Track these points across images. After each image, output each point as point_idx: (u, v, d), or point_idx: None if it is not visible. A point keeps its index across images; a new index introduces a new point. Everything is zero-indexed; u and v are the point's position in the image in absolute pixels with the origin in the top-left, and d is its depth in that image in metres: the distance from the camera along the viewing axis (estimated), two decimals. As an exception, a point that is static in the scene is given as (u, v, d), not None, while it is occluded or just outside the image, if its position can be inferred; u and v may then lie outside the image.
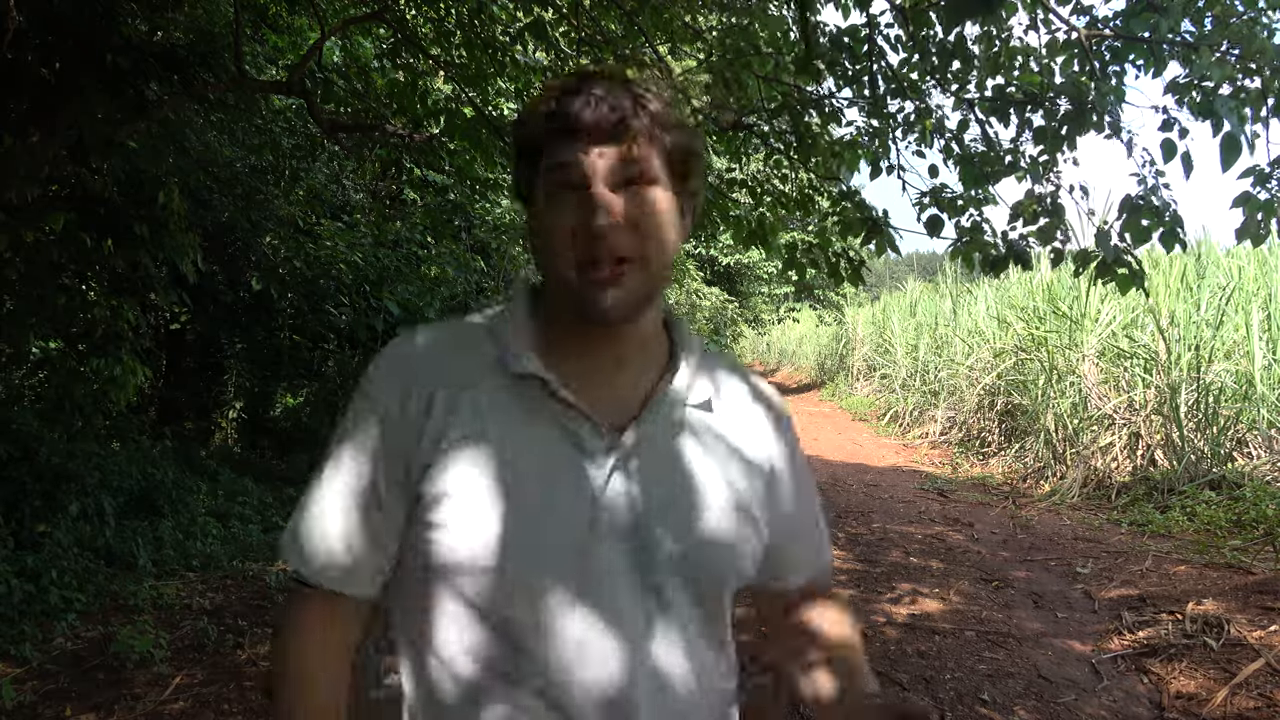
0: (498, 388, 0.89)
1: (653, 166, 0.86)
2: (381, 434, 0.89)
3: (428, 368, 0.90)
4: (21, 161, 3.94)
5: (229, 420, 8.64)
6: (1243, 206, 3.19)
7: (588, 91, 0.85)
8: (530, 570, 0.85)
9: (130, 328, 4.95)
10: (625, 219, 0.84)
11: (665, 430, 0.91)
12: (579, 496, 0.86)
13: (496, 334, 0.92)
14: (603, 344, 0.91)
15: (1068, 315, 9.32)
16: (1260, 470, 7.00)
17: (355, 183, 8.38)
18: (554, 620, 0.85)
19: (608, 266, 0.84)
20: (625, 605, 0.86)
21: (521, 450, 0.87)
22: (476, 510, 0.85)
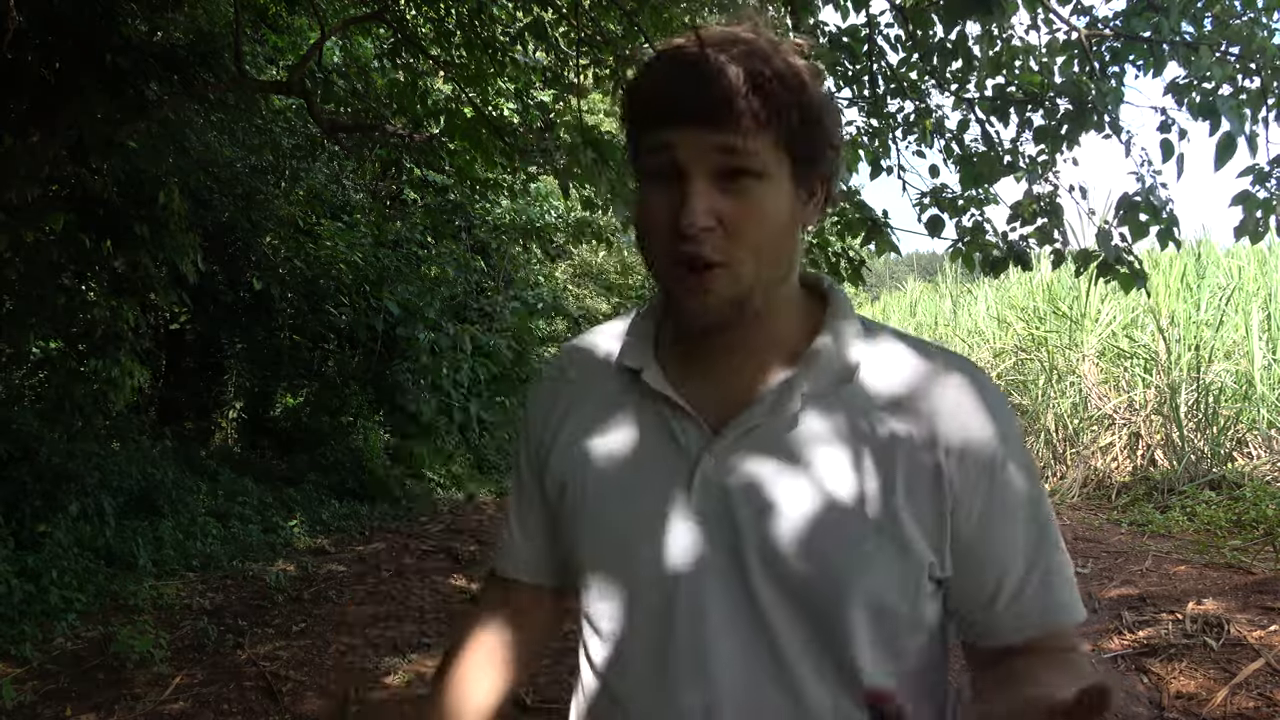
0: (610, 386, 0.87)
1: (763, 158, 0.74)
2: (528, 437, 0.94)
3: (563, 369, 0.93)
4: (21, 161, 3.94)
5: (229, 420, 8.64)
6: (1242, 205, 3.20)
7: (695, 63, 0.74)
8: (617, 566, 0.84)
9: (130, 328, 4.95)
10: (721, 219, 0.74)
11: (782, 423, 0.80)
12: (672, 494, 0.81)
13: (623, 329, 0.90)
14: (714, 337, 0.82)
15: (1068, 315, 9.32)
16: (1260, 470, 7.00)
17: (355, 183, 8.38)
18: (638, 621, 0.82)
19: (697, 270, 0.75)
20: (715, 612, 0.79)
21: (620, 445, 0.85)
22: (578, 507, 0.86)
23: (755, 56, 0.74)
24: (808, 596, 0.78)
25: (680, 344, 0.85)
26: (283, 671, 3.65)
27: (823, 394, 0.80)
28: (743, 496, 0.79)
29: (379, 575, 5.16)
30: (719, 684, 0.78)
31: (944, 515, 0.77)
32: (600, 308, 14.53)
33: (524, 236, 8.59)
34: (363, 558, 5.54)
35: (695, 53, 0.74)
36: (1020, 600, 0.80)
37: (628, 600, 0.83)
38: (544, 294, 11.58)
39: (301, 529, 5.84)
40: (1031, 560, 0.80)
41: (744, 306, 0.77)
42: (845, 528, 0.77)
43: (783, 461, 0.79)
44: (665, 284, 0.79)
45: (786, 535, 0.77)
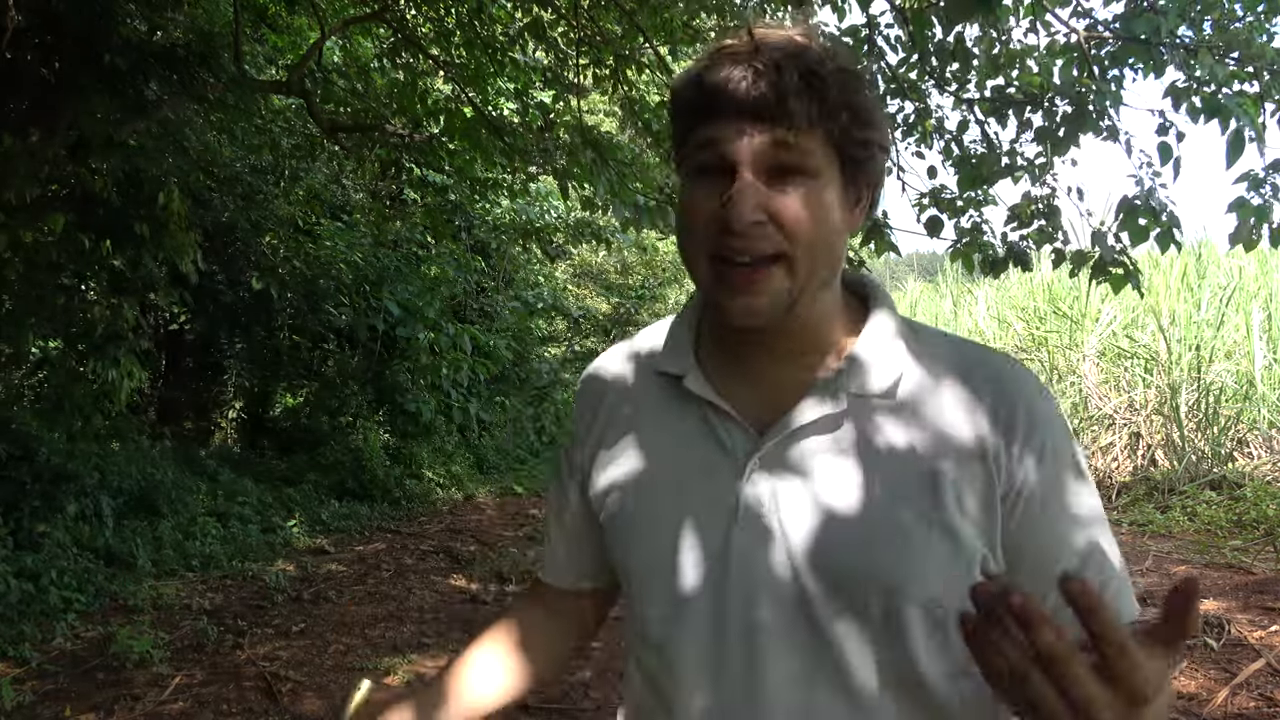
0: (651, 389, 0.87)
1: (814, 157, 0.73)
2: (570, 450, 0.95)
3: (604, 377, 0.93)
4: (21, 161, 3.94)
5: (229, 420, 8.64)
6: (1236, 211, 3.19)
7: (752, 58, 0.72)
8: (666, 573, 0.82)
9: (129, 328, 4.95)
10: (771, 215, 0.73)
11: (829, 425, 0.79)
12: (717, 497, 0.80)
13: (661, 336, 0.89)
14: (754, 338, 0.81)
15: (1068, 315, 9.31)
16: (1261, 470, 7.00)
17: (355, 183, 8.38)
18: (686, 625, 0.81)
19: (743, 268, 0.74)
20: (768, 619, 0.77)
21: (664, 451, 0.84)
22: (624, 514, 0.86)
23: (809, 56, 0.73)
24: (863, 598, 0.76)
25: (721, 347, 0.84)
26: (282, 671, 3.65)
27: (867, 396, 0.79)
28: (791, 500, 0.78)
29: (379, 575, 5.16)
30: (774, 693, 0.77)
31: (994, 509, 0.77)
32: (600, 307, 14.53)
33: (524, 236, 8.58)
34: (363, 558, 5.54)
35: (748, 50, 0.73)
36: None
37: (678, 608, 0.81)
38: (544, 294, 11.58)
39: (301, 529, 5.84)
40: (1078, 555, 0.78)
41: (792, 308, 0.76)
42: (895, 526, 0.76)
43: (829, 464, 0.78)
44: (706, 284, 0.77)
45: (837, 537, 0.77)
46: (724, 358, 0.84)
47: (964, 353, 0.82)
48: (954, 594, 0.74)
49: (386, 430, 8.08)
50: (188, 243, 4.98)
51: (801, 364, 0.81)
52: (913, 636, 0.76)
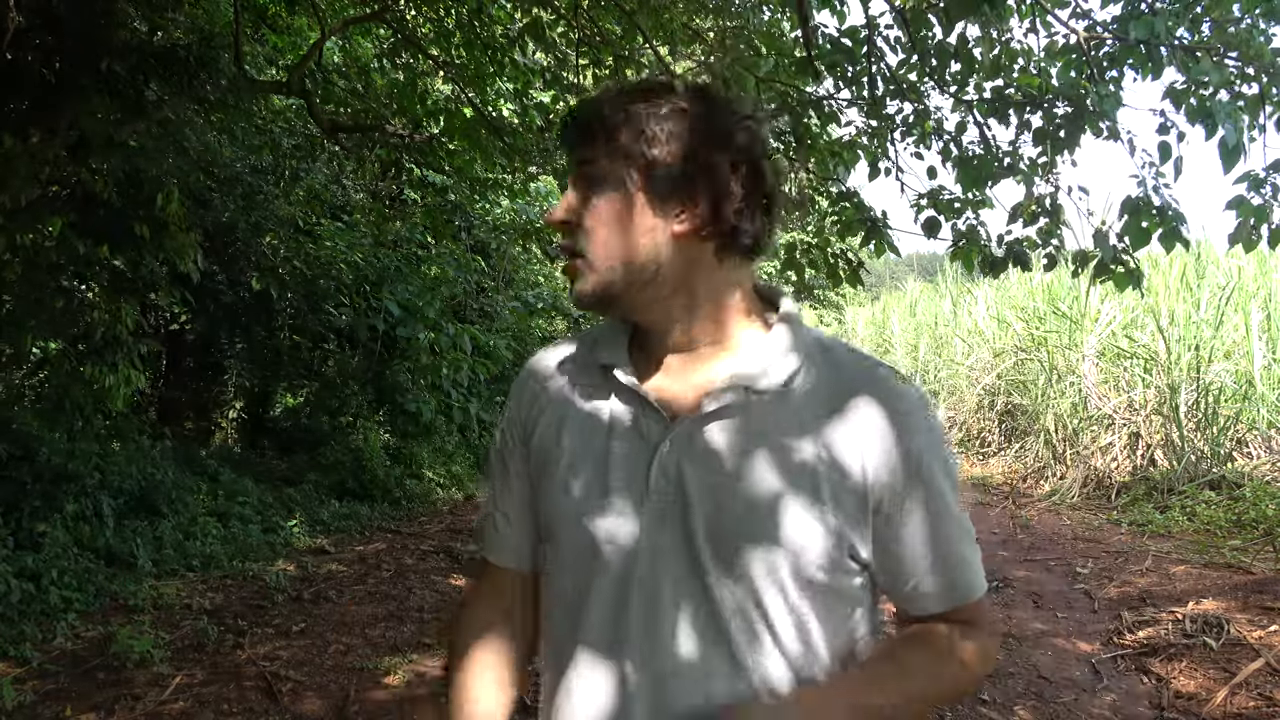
0: (588, 379, 0.99)
1: (607, 172, 0.91)
2: (508, 425, 1.06)
3: (547, 366, 1.05)
4: (21, 162, 3.94)
5: (229, 420, 8.64)
6: (1236, 210, 3.19)
7: (594, 99, 0.94)
8: (587, 542, 0.94)
9: (129, 331, 4.95)
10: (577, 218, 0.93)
11: (732, 416, 0.92)
12: (633, 476, 0.93)
13: (599, 336, 1.01)
14: (664, 337, 0.97)
15: (1068, 315, 9.32)
16: (1260, 470, 7.01)
17: (355, 183, 8.38)
18: (599, 591, 0.93)
19: (568, 261, 0.95)
20: (667, 583, 0.91)
21: (596, 432, 0.96)
22: (552, 483, 0.98)
23: (634, 93, 0.92)
24: (743, 566, 0.89)
25: (645, 344, 0.98)
26: (283, 671, 3.65)
27: (764, 393, 0.92)
28: (694, 479, 0.90)
29: (379, 575, 5.16)
30: (668, 648, 0.90)
31: (865, 505, 0.91)
32: (600, 308, 14.48)
33: (523, 237, 8.57)
34: (363, 558, 5.54)
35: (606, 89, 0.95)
36: (932, 585, 0.95)
37: (591, 572, 0.94)
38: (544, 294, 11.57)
39: (301, 529, 5.84)
40: (939, 549, 0.94)
41: (606, 298, 0.94)
42: (780, 509, 0.89)
43: (729, 450, 0.91)
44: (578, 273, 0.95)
45: (729, 512, 0.90)
46: (651, 354, 0.97)
47: (860, 367, 0.96)
48: (821, 569, 0.90)
49: (387, 430, 8.08)
50: (188, 243, 4.98)
51: (711, 363, 0.95)
52: (780, 605, 0.90)
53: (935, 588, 0.95)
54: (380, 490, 7.03)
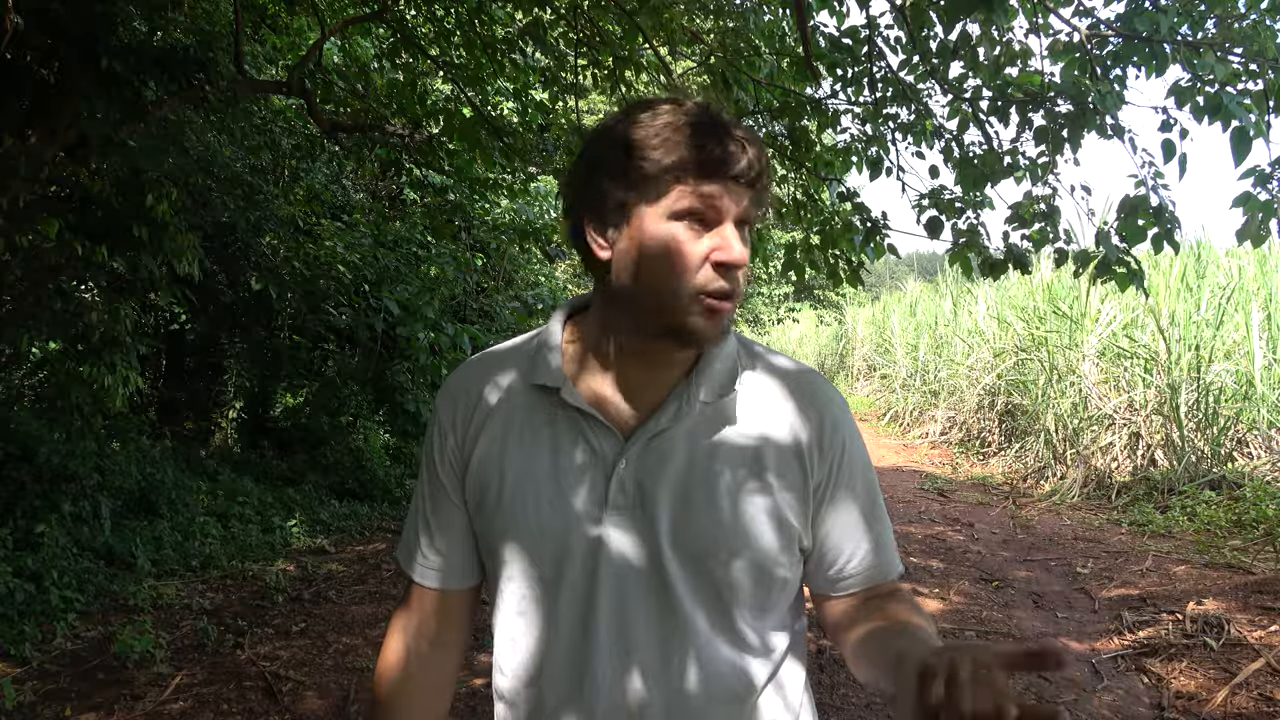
0: (525, 399, 0.99)
1: (753, 215, 0.93)
2: (441, 447, 1.03)
3: (472, 387, 1.02)
4: (20, 163, 3.94)
5: (229, 420, 8.63)
6: (1243, 207, 3.19)
7: (730, 135, 0.89)
8: (550, 561, 0.95)
9: (127, 332, 4.94)
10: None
11: (682, 427, 0.95)
12: (590, 492, 0.94)
13: (532, 349, 1.01)
14: (619, 356, 0.97)
15: (1068, 315, 9.31)
16: (1260, 470, 7.00)
17: (355, 183, 8.37)
18: (564, 606, 0.95)
19: (725, 300, 0.91)
20: (633, 589, 0.93)
21: (541, 452, 0.96)
22: (502, 511, 0.97)
23: (755, 137, 0.93)
24: (706, 566, 0.94)
25: (596, 363, 0.98)
26: (283, 671, 3.65)
27: (712, 401, 0.96)
28: (654, 491, 0.93)
29: (379, 575, 5.16)
30: (637, 650, 0.93)
31: (807, 498, 0.97)
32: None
33: (522, 237, 8.56)
34: (363, 558, 5.54)
35: (722, 120, 0.91)
36: (861, 562, 1.01)
37: (555, 589, 0.95)
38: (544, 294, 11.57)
39: (301, 529, 5.84)
40: (866, 532, 1.01)
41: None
42: (736, 509, 0.94)
43: (684, 459, 0.94)
44: (683, 308, 0.90)
45: (691, 518, 0.93)
46: (593, 372, 0.98)
47: (786, 369, 1.02)
48: (778, 564, 0.96)
49: (386, 430, 8.07)
50: (187, 244, 4.98)
51: (663, 376, 0.97)
52: (740, 598, 0.95)
53: (863, 565, 1.01)
54: (380, 490, 7.03)
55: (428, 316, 7.73)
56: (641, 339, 0.95)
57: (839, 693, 3.56)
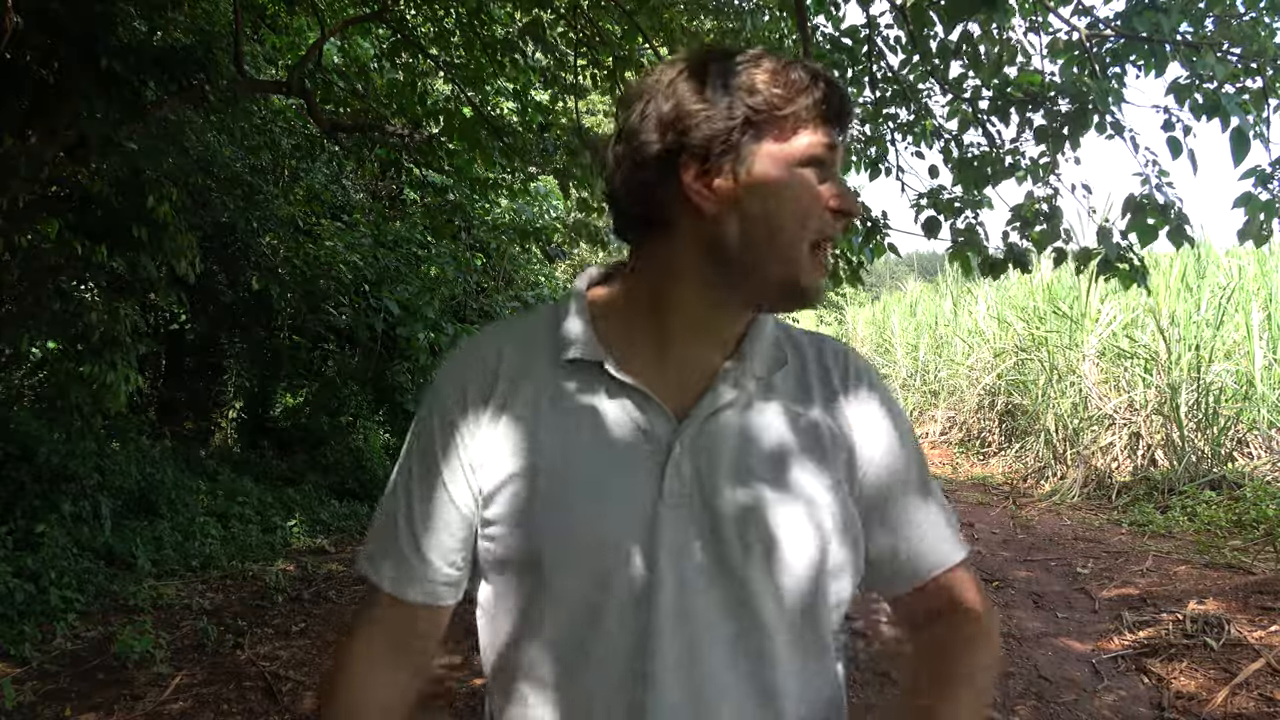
0: (553, 376, 0.86)
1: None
2: (445, 432, 0.87)
3: (488, 362, 0.88)
4: (20, 163, 3.94)
5: (229, 420, 8.63)
6: (1244, 207, 3.19)
7: (835, 83, 0.84)
8: (595, 564, 0.81)
9: (127, 332, 4.94)
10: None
11: (738, 408, 0.86)
12: (642, 478, 0.82)
13: (553, 325, 0.89)
14: (673, 329, 0.87)
15: (1068, 315, 9.31)
16: (1260, 470, 7.00)
17: (355, 183, 8.37)
18: (614, 616, 0.81)
19: (824, 250, 0.85)
20: (703, 602, 0.81)
21: (581, 435, 0.84)
22: (536, 505, 0.82)
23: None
24: (782, 570, 0.82)
25: (625, 335, 0.87)
26: (282, 671, 3.65)
27: (765, 376, 0.88)
28: (716, 482, 0.82)
29: (379, 575, 5.15)
30: (710, 677, 0.80)
31: (855, 463, 0.89)
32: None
33: (522, 237, 8.57)
34: (362, 558, 5.54)
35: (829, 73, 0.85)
36: (924, 531, 0.91)
37: (601, 596, 0.81)
38: (544, 294, 11.57)
39: (301, 529, 5.84)
40: (925, 514, 0.91)
41: None
42: (805, 496, 0.84)
43: (745, 444, 0.85)
44: (797, 263, 0.83)
45: (762, 508, 0.82)
46: (638, 347, 0.87)
47: (813, 338, 0.95)
48: (849, 552, 0.86)
49: (386, 430, 8.08)
50: (186, 244, 4.97)
51: (708, 350, 0.87)
52: (827, 624, 0.86)
53: (929, 539, 0.91)
54: (380, 490, 6.99)
55: (428, 316, 7.73)
56: (735, 298, 0.86)
57: (839, 693, 3.56)
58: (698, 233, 0.83)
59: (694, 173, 0.82)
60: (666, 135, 0.82)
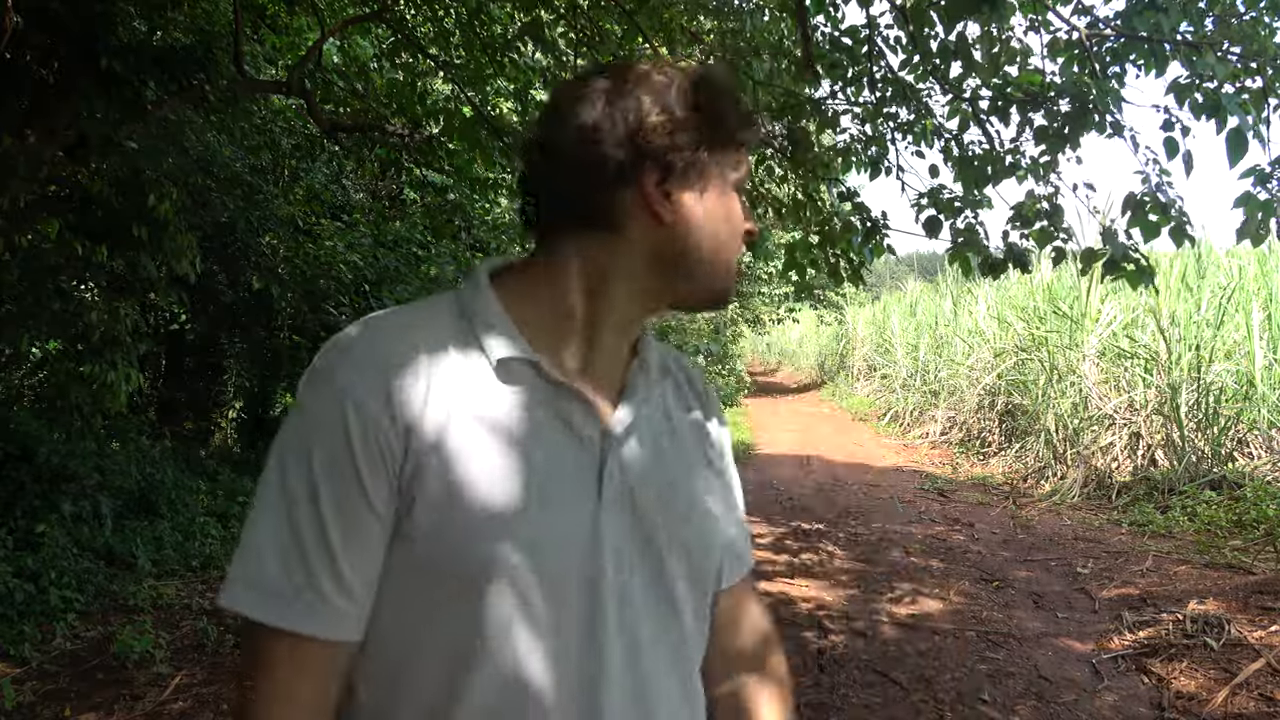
0: (482, 374, 0.80)
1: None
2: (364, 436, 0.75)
3: (404, 357, 0.78)
4: (20, 163, 3.94)
5: (229, 420, 8.64)
6: (1243, 207, 3.19)
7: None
8: (537, 570, 0.77)
9: (127, 332, 4.94)
10: None
11: (651, 410, 0.89)
12: (579, 479, 0.81)
13: (463, 318, 0.83)
14: (601, 330, 0.86)
15: (1068, 315, 9.31)
16: (1261, 470, 7.00)
17: (355, 183, 8.37)
18: (560, 621, 0.78)
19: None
20: (639, 598, 0.82)
21: (512, 442, 0.79)
22: (476, 507, 0.76)
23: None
24: (699, 565, 0.88)
25: (558, 334, 0.85)
26: (282, 672, 3.64)
27: (657, 380, 0.92)
28: (643, 485, 0.84)
29: (379, 575, 5.16)
30: (647, 670, 0.82)
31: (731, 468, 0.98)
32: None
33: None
34: (362, 558, 5.54)
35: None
36: (740, 550, 0.97)
37: (546, 601, 0.77)
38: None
39: (301, 529, 5.83)
40: (739, 515, 0.98)
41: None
42: (710, 490, 0.91)
43: (660, 447, 0.88)
44: (723, 278, 0.88)
45: (682, 514, 0.87)
46: (563, 346, 0.85)
47: (662, 345, 0.98)
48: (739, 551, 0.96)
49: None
50: (186, 244, 4.97)
51: (624, 353, 0.89)
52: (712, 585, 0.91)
53: (741, 553, 0.97)
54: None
55: (428, 316, 7.72)
56: (664, 302, 0.88)
57: (839, 693, 3.56)
58: (649, 239, 0.84)
59: (654, 182, 0.83)
60: (633, 142, 0.82)
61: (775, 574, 5.29)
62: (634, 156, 0.82)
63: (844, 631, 4.28)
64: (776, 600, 4.77)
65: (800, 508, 7.40)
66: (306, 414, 0.78)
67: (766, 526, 6.61)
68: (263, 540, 0.75)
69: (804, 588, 5.02)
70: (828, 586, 5.06)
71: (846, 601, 4.77)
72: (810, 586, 5.05)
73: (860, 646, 4.08)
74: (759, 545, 6.05)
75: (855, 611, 4.60)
